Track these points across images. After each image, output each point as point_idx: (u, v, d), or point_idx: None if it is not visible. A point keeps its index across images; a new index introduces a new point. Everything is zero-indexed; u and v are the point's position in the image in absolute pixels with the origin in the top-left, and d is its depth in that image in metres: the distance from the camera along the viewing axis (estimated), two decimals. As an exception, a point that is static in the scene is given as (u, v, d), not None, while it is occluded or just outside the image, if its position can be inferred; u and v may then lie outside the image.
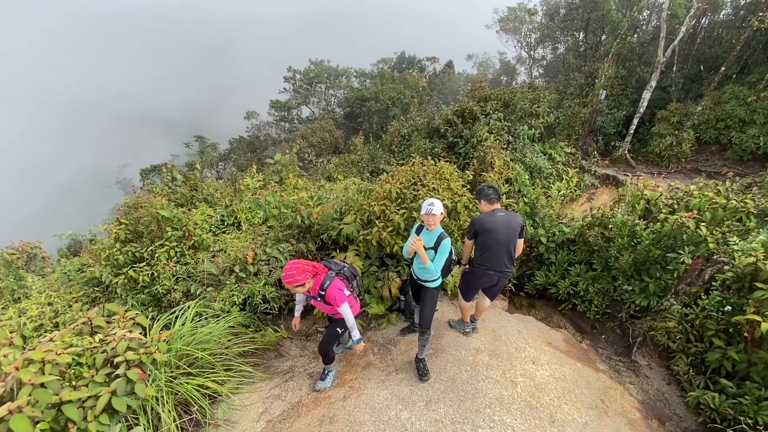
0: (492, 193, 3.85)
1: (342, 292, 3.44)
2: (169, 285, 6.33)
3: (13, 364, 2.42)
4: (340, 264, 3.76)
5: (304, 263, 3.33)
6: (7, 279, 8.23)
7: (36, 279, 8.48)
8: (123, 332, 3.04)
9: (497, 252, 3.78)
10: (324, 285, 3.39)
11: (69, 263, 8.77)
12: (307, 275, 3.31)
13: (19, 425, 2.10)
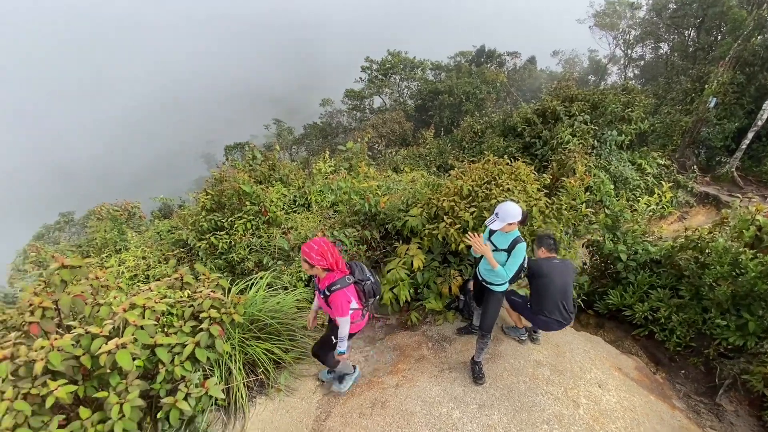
0: (552, 244, 3.96)
1: (347, 304, 3.03)
2: (243, 254, 6.87)
3: (121, 306, 2.79)
4: (366, 274, 3.26)
5: (331, 251, 2.95)
6: (111, 232, 9.49)
7: (134, 235, 9.68)
8: (208, 291, 3.36)
9: (555, 298, 3.83)
10: (332, 286, 2.98)
11: (161, 224, 9.91)
12: (322, 263, 2.92)
13: (123, 359, 2.42)
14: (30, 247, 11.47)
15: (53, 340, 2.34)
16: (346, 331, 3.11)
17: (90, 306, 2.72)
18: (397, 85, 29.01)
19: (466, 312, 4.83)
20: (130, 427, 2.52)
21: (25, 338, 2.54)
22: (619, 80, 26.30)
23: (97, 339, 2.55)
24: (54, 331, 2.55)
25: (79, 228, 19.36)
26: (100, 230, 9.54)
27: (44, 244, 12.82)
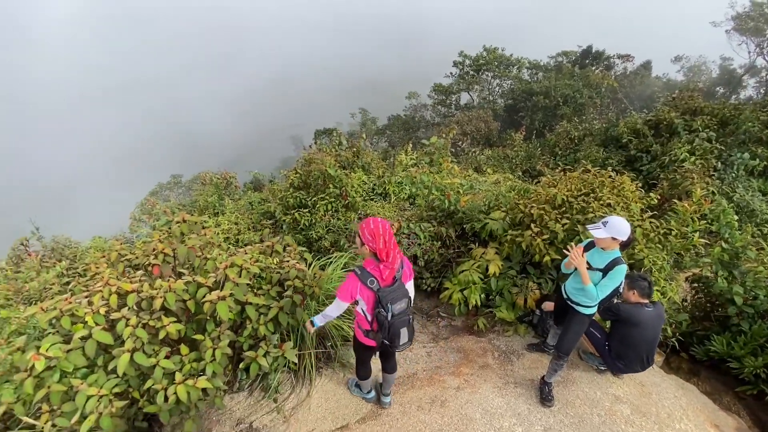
0: (646, 288, 3.57)
1: (348, 289, 2.64)
2: (321, 233, 7.25)
3: (224, 263, 3.11)
4: (402, 286, 2.67)
5: (386, 239, 2.48)
6: (212, 197, 10.64)
7: (229, 202, 10.74)
8: (294, 262, 3.61)
9: (639, 350, 3.58)
10: (357, 271, 2.64)
11: (253, 195, 10.88)
12: (370, 244, 2.50)
13: (222, 310, 2.71)
14: (147, 200, 13.37)
15: (170, 283, 2.70)
16: (330, 314, 2.84)
17: (199, 259, 3.09)
18: (488, 82, 27.96)
19: (540, 329, 4.54)
20: (218, 370, 2.83)
21: (147, 277, 2.97)
22: (756, 95, 22.25)
23: (202, 288, 2.89)
24: (170, 275, 2.94)
25: (185, 189, 22.16)
26: (204, 194, 10.77)
27: (157, 200, 14.90)
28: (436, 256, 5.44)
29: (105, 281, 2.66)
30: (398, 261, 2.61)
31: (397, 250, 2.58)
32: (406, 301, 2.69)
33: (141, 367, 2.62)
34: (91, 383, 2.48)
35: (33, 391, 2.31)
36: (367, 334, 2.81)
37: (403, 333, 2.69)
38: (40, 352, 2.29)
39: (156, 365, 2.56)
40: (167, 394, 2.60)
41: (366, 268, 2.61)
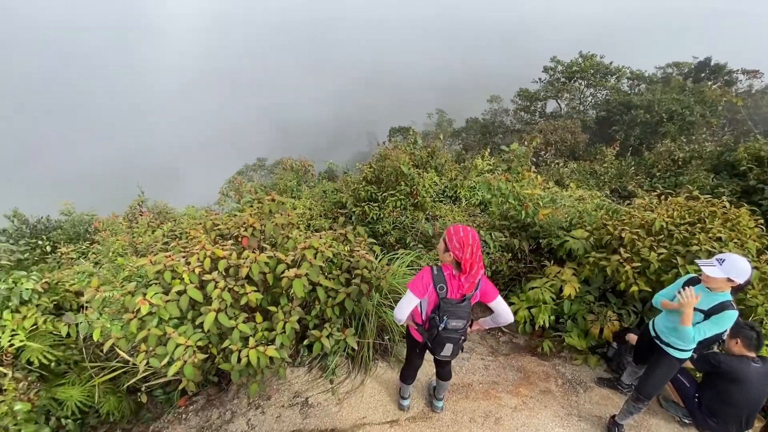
0: (755, 339, 3.07)
1: (423, 283, 2.53)
2: (388, 228, 7.35)
3: (302, 244, 3.29)
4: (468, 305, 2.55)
5: (473, 250, 2.38)
6: (292, 182, 11.33)
7: (305, 188, 11.34)
8: (363, 252, 3.70)
9: (739, 411, 3.11)
10: (434, 269, 2.56)
11: (327, 184, 11.38)
12: (456, 253, 2.38)
13: (298, 287, 2.88)
14: (234, 179, 14.64)
15: (256, 255, 2.93)
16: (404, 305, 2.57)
17: (282, 237, 3.31)
18: (579, 91, 25.99)
19: (615, 364, 4.13)
20: (286, 342, 3.01)
21: (236, 247, 3.26)
22: None
23: (281, 264, 3.09)
24: (255, 248, 3.19)
25: (267, 172, 23.94)
26: (284, 178, 11.51)
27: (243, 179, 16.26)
28: (505, 268, 5.21)
29: (202, 245, 2.97)
30: (478, 271, 2.45)
31: (480, 265, 2.45)
32: (465, 323, 2.58)
33: (222, 327, 2.88)
34: (180, 333, 2.79)
35: (136, 331, 2.67)
36: (418, 327, 2.80)
37: (447, 347, 2.65)
38: (146, 299, 2.63)
39: (235, 328, 2.80)
40: (240, 355, 2.83)
41: (443, 272, 2.53)
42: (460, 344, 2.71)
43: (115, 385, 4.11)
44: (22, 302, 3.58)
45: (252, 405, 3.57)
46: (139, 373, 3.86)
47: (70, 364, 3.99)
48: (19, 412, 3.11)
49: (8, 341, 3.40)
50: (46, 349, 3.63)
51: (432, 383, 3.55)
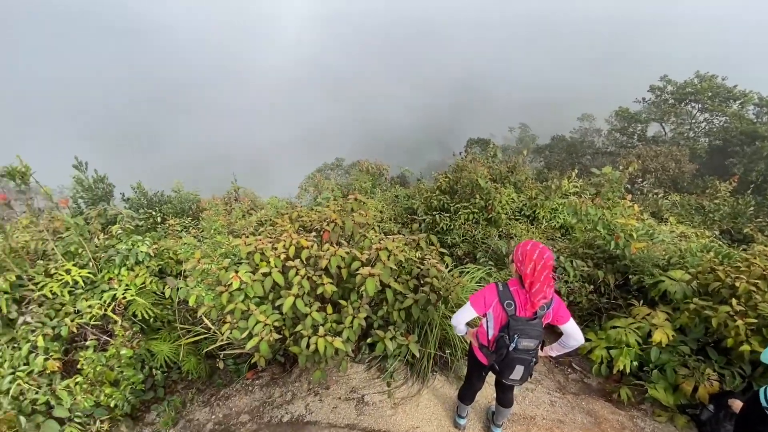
0: None
1: (484, 299, 2.49)
2: (458, 240, 7.23)
3: (378, 244, 3.38)
4: (540, 324, 2.42)
5: (536, 267, 2.29)
6: (367, 183, 11.68)
7: (379, 191, 11.60)
8: (434, 261, 3.68)
9: None
10: (499, 285, 2.49)
11: (400, 189, 11.54)
12: (519, 266, 2.38)
13: (370, 285, 2.96)
14: (314, 175, 15.49)
15: (336, 249, 3.08)
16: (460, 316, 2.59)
17: (359, 235, 3.44)
18: (691, 115, 23.04)
19: (710, 430, 3.57)
20: (352, 336, 3.11)
21: (318, 239, 3.46)
22: None
23: (356, 261, 3.20)
24: (334, 242, 3.35)
25: (343, 172, 25.02)
26: (359, 179, 11.92)
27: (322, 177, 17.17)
28: (584, 301, 4.81)
29: (288, 234, 3.21)
30: (544, 296, 2.33)
31: (548, 286, 2.33)
32: (537, 343, 2.44)
33: (297, 312, 3.07)
34: (261, 312, 3.03)
35: (225, 303, 2.96)
36: (482, 348, 2.66)
37: (517, 369, 2.49)
38: (238, 275, 2.91)
39: (309, 314, 2.96)
40: (310, 342, 2.99)
41: (509, 287, 2.46)
42: (531, 367, 2.54)
43: (196, 348, 4.59)
44: (136, 262, 4.17)
45: (312, 391, 3.74)
46: (218, 342, 4.29)
47: (164, 322, 4.56)
48: (123, 357, 3.63)
49: (122, 294, 3.99)
50: (149, 305, 4.19)
51: (491, 408, 3.40)
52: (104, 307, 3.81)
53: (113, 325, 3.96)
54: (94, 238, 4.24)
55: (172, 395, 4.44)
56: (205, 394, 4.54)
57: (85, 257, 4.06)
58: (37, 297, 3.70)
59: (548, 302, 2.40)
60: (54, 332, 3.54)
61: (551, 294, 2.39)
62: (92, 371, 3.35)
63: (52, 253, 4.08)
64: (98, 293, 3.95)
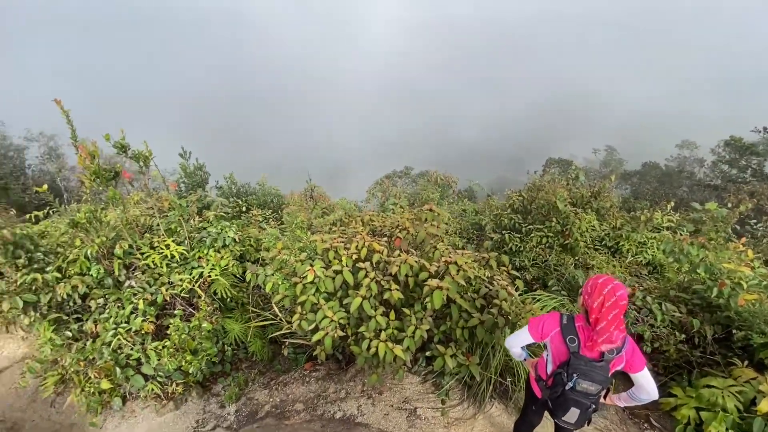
0: None
1: (543, 326, 2.35)
2: (527, 264, 6.86)
3: (447, 257, 3.34)
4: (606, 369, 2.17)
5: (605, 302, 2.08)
6: (434, 194, 11.62)
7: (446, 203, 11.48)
8: (504, 283, 3.53)
9: None
10: (564, 317, 2.33)
11: (467, 203, 11.29)
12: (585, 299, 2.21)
13: (437, 298, 2.93)
14: (382, 181, 15.79)
15: (407, 257, 3.11)
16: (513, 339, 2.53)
17: (430, 246, 3.43)
18: (827, 152, 19.41)
19: None
20: (412, 346, 3.09)
21: (387, 245, 3.52)
22: None
23: (425, 272, 3.19)
24: (406, 250, 3.38)
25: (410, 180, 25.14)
26: (427, 189, 11.90)
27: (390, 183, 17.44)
28: (672, 350, 4.26)
29: (362, 236, 3.30)
30: (609, 338, 2.10)
31: (616, 328, 2.09)
32: (600, 389, 2.18)
33: (362, 313, 3.14)
34: (329, 307, 3.15)
35: (299, 294, 3.13)
36: (539, 381, 2.48)
37: (572, 412, 2.26)
38: (314, 269, 3.06)
39: (373, 317, 3.01)
40: (371, 344, 3.03)
41: (575, 322, 2.26)
42: (590, 413, 2.29)
43: (263, 332, 4.92)
44: (223, 245, 4.60)
45: (365, 393, 3.79)
46: (283, 329, 4.54)
47: (238, 303, 4.95)
48: (203, 329, 4.00)
49: (208, 272, 4.41)
50: (228, 286, 4.58)
51: None
52: (193, 282, 4.24)
53: (198, 299, 4.40)
54: (191, 219, 4.75)
55: (237, 372, 4.79)
56: (265, 376, 4.83)
57: (182, 235, 4.57)
58: (142, 265, 4.25)
59: (618, 347, 2.15)
60: (151, 298, 4.03)
61: (620, 339, 2.13)
62: (178, 338, 3.74)
63: (156, 228, 4.66)
64: (188, 269, 4.42)
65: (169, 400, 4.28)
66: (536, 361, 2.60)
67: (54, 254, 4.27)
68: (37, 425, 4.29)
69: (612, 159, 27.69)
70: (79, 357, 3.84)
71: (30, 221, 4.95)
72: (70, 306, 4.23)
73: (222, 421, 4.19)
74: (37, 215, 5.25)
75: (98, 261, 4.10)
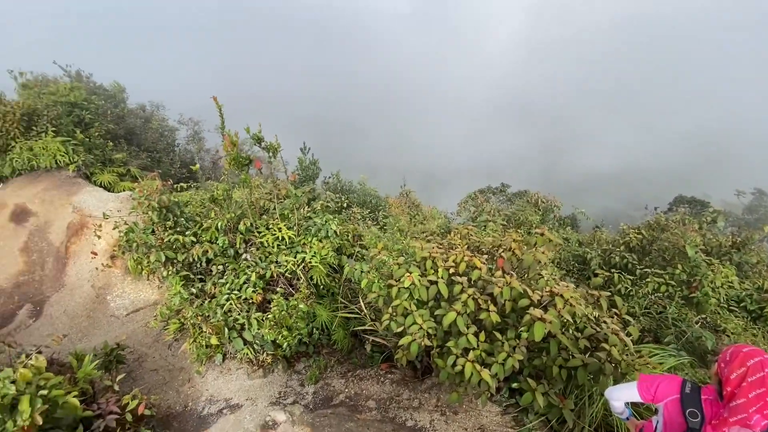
0: None
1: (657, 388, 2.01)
2: (637, 311, 6.03)
3: (551, 288, 3.09)
4: None
5: (753, 380, 1.71)
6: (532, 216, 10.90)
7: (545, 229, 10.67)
8: (615, 327, 3.14)
9: None
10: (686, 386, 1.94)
11: (570, 232, 10.36)
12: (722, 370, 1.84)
13: (538, 329, 2.73)
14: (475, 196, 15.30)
15: (510, 280, 2.97)
16: (617, 392, 2.21)
17: (535, 273, 3.22)
18: None
19: None
20: (501, 374, 2.93)
21: (490, 263, 3.40)
22: None
23: (525, 299, 3.00)
24: (508, 272, 3.23)
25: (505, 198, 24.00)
26: (526, 211, 11.22)
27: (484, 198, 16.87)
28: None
29: (462, 251, 3.25)
30: (746, 421, 1.70)
31: (757, 411, 1.69)
32: None
33: (452, 328, 3.08)
34: (420, 315, 3.15)
35: (393, 297, 3.20)
36: None
37: None
38: (412, 276, 3.10)
39: (465, 335, 2.93)
40: (457, 361, 2.95)
41: (700, 394, 1.90)
42: None
43: (345, 324, 5.14)
44: (325, 236, 4.93)
45: (439, 408, 3.71)
46: (366, 325, 4.70)
47: (329, 292, 5.27)
48: (300, 310, 4.34)
49: (309, 258, 4.77)
50: (324, 274, 4.90)
51: None
52: (296, 265, 4.64)
53: (298, 281, 4.80)
54: (302, 208, 5.21)
55: (318, 356, 5.09)
56: (343, 366, 5.04)
57: (292, 221, 5.03)
58: (257, 243, 4.79)
59: None
60: (262, 272, 4.50)
61: (760, 426, 1.70)
62: (278, 313, 4.12)
63: (273, 212, 5.21)
64: (293, 252, 4.85)
65: (260, 367, 4.72)
66: (642, 424, 2.26)
67: (192, 221, 5.05)
68: (156, 362, 5.07)
69: (761, 205, 22.84)
70: (197, 312, 4.45)
71: (175, 191, 5.95)
72: (197, 267, 4.96)
73: (300, 398, 4.48)
74: (182, 186, 6.28)
75: (225, 233, 4.73)
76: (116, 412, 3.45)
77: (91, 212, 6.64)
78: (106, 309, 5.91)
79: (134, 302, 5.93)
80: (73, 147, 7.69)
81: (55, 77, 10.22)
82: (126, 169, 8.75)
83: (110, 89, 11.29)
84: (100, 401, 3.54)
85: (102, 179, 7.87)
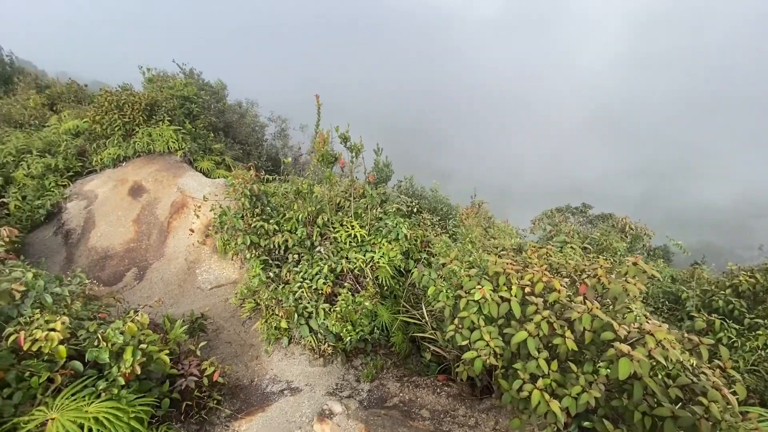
0: None
1: None
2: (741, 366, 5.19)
3: (644, 325, 2.78)
4: None
5: None
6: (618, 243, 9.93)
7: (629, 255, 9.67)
8: (718, 382, 2.73)
9: None
10: None
11: (662, 265, 9.23)
12: None
13: (623, 367, 2.48)
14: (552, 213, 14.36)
15: (592, 307, 2.74)
16: None
17: (623, 306, 2.94)
18: None
19: None
20: (572, 408, 2.71)
21: (569, 288, 3.17)
22: None
23: (609, 332, 2.74)
24: (591, 299, 2.98)
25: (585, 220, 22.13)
26: (610, 236, 10.25)
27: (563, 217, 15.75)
28: None
29: (541, 270, 3.07)
30: None
31: None
32: None
33: (521, 350, 2.93)
34: (488, 331, 3.05)
35: (461, 308, 3.13)
36: None
37: None
38: (484, 290, 3.01)
39: (536, 359, 2.77)
40: (524, 387, 2.80)
41: None
42: None
43: (405, 328, 5.16)
44: (395, 238, 5.00)
45: (497, 431, 3.55)
46: (426, 333, 4.66)
47: (392, 294, 5.33)
48: (365, 307, 4.45)
49: (378, 258, 4.87)
50: (390, 276, 4.97)
51: None
52: (365, 263, 4.77)
53: (365, 279, 4.93)
54: (374, 209, 5.34)
55: (375, 356, 5.17)
56: (399, 369, 5.06)
57: (365, 221, 5.19)
58: (332, 237, 5.01)
59: None
60: (333, 266, 4.71)
61: None
62: (344, 307, 4.27)
63: (347, 209, 5.43)
64: (363, 251, 4.99)
65: (320, 356, 4.93)
66: None
67: (276, 211, 5.45)
68: (230, 335, 5.54)
69: None
70: (272, 295, 4.79)
71: (263, 182, 6.46)
72: (276, 254, 5.33)
73: (356, 393, 4.59)
74: (268, 178, 6.81)
75: (304, 225, 5.03)
76: (196, 375, 3.85)
77: (192, 194, 7.49)
78: (194, 281, 6.62)
79: (218, 278, 6.56)
80: (182, 135, 8.77)
81: (173, 74, 11.75)
82: (222, 158, 9.74)
83: (214, 86, 12.67)
84: (184, 362, 3.98)
85: (202, 165, 8.85)
